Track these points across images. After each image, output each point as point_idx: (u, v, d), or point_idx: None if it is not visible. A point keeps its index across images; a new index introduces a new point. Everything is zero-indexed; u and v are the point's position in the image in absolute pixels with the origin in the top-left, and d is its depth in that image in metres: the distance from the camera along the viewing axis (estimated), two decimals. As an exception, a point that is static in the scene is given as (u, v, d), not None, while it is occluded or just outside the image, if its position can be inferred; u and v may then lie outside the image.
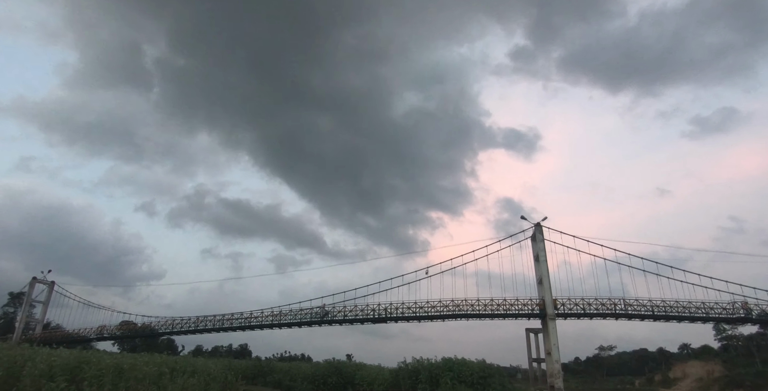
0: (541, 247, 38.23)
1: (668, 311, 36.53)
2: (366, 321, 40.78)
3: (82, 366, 15.83)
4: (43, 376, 14.35)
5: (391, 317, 39.57)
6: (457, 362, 25.03)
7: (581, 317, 37.53)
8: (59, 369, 15.06)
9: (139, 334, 56.16)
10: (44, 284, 62.24)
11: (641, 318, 37.27)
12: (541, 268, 37.71)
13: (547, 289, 36.77)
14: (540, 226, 38.94)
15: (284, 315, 43.46)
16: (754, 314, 36.33)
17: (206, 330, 47.99)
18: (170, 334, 53.39)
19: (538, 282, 37.90)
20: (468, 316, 38.32)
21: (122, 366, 16.10)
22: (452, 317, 38.64)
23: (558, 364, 34.96)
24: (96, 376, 15.07)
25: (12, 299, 72.45)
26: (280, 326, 43.98)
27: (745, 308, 36.28)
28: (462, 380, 23.43)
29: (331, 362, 30.11)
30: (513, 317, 37.86)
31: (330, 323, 41.77)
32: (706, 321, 38.33)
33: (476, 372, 23.93)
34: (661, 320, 37.14)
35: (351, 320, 40.99)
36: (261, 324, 44.61)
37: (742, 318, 37.05)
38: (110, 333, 55.89)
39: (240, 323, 45.92)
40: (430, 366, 25.21)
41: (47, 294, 62.33)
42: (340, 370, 28.08)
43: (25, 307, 61.83)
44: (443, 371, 23.98)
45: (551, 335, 35.44)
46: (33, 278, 61.83)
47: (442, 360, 25.53)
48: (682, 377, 69.06)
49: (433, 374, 24.34)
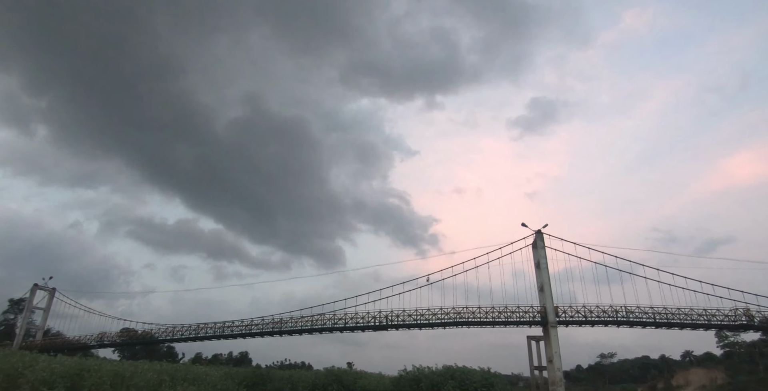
0: (542, 254, 38.16)
1: (670, 318, 36.41)
2: (367, 329, 40.68)
3: (83, 374, 15.83)
4: (43, 383, 14.35)
5: (392, 324, 39.44)
6: (459, 370, 24.90)
7: (583, 325, 37.40)
8: (59, 376, 15.06)
9: (140, 341, 55.96)
10: (45, 290, 62.18)
11: (643, 325, 37.13)
12: (542, 275, 37.63)
13: (548, 296, 36.67)
14: (541, 233, 38.90)
15: (285, 322, 43.36)
16: (756, 320, 36.19)
17: (206, 337, 47.82)
18: (170, 341, 53.17)
19: (539, 289, 37.81)
20: (470, 323, 38.18)
21: (122, 374, 16.11)
22: (453, 324, 38.51)
23: (560, 372, 34.78)
24: (96, 383, 15.07)
25: (12, 305, 72.31)
26: (281, 334, 43.82)
27: (747, 314, 36.15)
28: (464, 388, 23.29)
29: (332, 370, 29.93)
30: (514, 324, 37.74)
31: (331, 330, 41.65)
32: (708, 328, 38.23)
33: (478, 380, 23.79)
34: (663, 327, 37.00)
35: (352, 327, 40.88)
36: (262, 331, 44.47)
37: (744, 325, 36.90)
38: (110, 340, 55.67)
39: (240, 331, 45.81)
40: (431, 374, 25.07)
41: (48, 301, 62.24)
42: (340, 378, 27.91)
43: (26, 313, 61.67)
44: (445, 379, 23.85)
45: (553, 342, 35.27)
46: (34, 285, 61.76)
47: (444, 368, 25.40)
48: (685, 384, 68.51)
49: (434, 382, 24.20)
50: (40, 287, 61.84)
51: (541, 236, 38.84)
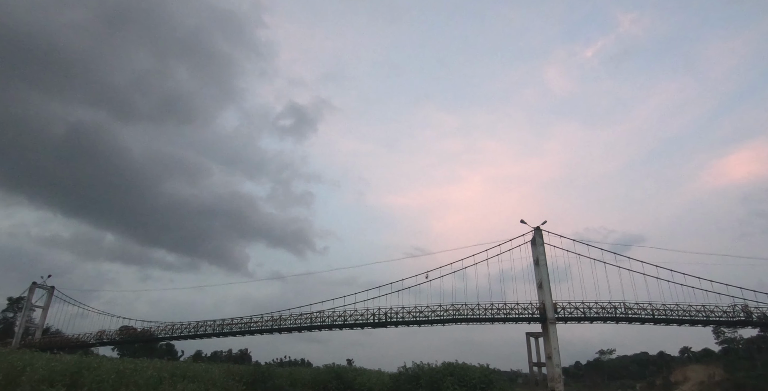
0: (541, 251, 38.19)
1: (668, 315, 36.50)
2: (366, 326, 40.74)
3: (83, 371, 15.83)
4: (43, 381, 14.35)
5: (391, 321, 39.49)
6: (459, 366, 24.96)
7: (581, 321, 37.50)
8: (59, 374, 15.06)
9: (139, 339, 55.88)
10: (44, 288, 62.09)
11: (641, 322, 37.23)
12: (541, 272, 37.67)
13: (547, 293, 36.72)
14: (540, 230, 38.90)
15: (284, 320, 43.37)
16: (754, 316, 36.34)
17: (206, 335, 47.82)
18: (170, 339, 53.21)
19: (538, 286, 37.87)
20: (469, 320, 38.26)
21: (122, 371, 16.11)
22: (453, 321, 38.57)
23: (558, 368, 34.87)
24: (96, 381, 15.07)
25: (11, 304, 72.24)
26: (280, 331, 43.83)
27: (745, 311, 36.30)
28: (463, 384, 23.34)
29: (332, 367, 30.00)
30: (513, 321, 37.80)
31: (330, 327, 41.71)
32: (706, 324, 38.35)
33: (478, 377, 23.84)
34: (662, 323, 37.12)
35: (351, 324, 40.92)
36: (261, 329, 44.48)
37: (742, 321, 37.06)
38: (110, 338, 55.65)
39: (240, 328, 45.84)
40: (430, 371, 25.13)
41: (47, 299, 62.19)
42: (340, 375, 27.96)
43: (25, 312, 61.61)
44: (444, 376, 23.89)
45: (552, 339, 35.35)
46: (33, 283, 61.65)
47: (443, 365, 25.45)
48: (683, 380, 68.89)
49: (434, 378, 24.25)
50: (39, 285, 61.73)
51: (540, 232, 38.85)
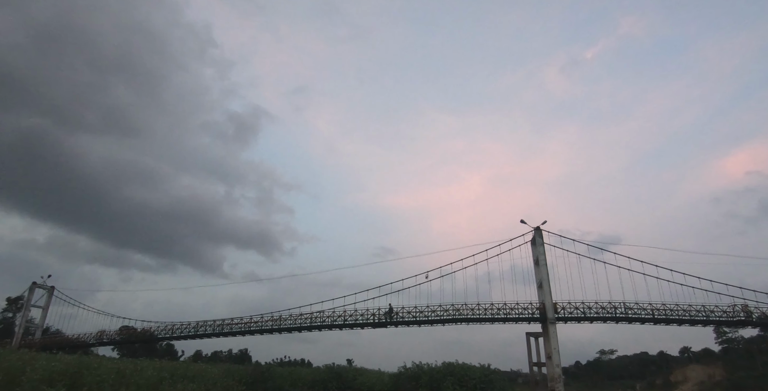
0: (541, 251, 38.17)
1: (668, 315, 36.45)
2: (366, 326, 40.69)
3: (83, 371, 15.82)
4: (43, 381, 14.33)
5: (392, 321, 39.47)
6: (459, 366, 24.98)
7: (582, 321, 37.47)
8: (59, 374, 15.04)
9: (139, 339, 55.80)
10: (44, 288, 62.04)
11: (641, 322, 37.19)
12: (541, 272, 37.65)
13: (547, 293, 36.69)
14: (540, 230, 38.88)
15: (284, 320, 43.33)
16: (754, 316, 36.30)
17: (206, 335, 47.73)
18: (170, 339, 53.12)
19: (538, 286, 37.86)
20: (469, 320, 38.24)
21: (122, 371, 16.10)
22: (453, 321, 38.55)
23: (559, 368, 34.84)
24: (96, 381, 15.06)
25: (10, 304, 72.19)
26: (280, 331, 43.77)
27: (745, 310, 36.24)
28: (463, 384, 23.35)
29: (332, 367, 30.02)
30: (513, 321, 37.78)
31: (330, 327, 41.64)
32: (706, 324, 38.25)
33: (478, 377, 23.86)
34: (662, 323, 37.08)
35: (351, 324, 40.87)
36: (261, 329, 44.43)
37: (742, 321, 37.00)
38: (110, 338, 55.59)
39: (240, 328, 45.79)
40: (430, 371, 25.15)
41: (47, 299, 62.10)
42: (340, 375, 27.99)
43: (25, 312, 61.56)
44: (444, 376, 23.91)
45: (552, 339, 35.33)
46: (33, 283, 61.56)
47: (443, 364, 25.47)
48: (683, 380, 68.87)
49: (434, 378, 24.27)
50: (39, 285, 61.67)
51: (540, 232, 38.84)
